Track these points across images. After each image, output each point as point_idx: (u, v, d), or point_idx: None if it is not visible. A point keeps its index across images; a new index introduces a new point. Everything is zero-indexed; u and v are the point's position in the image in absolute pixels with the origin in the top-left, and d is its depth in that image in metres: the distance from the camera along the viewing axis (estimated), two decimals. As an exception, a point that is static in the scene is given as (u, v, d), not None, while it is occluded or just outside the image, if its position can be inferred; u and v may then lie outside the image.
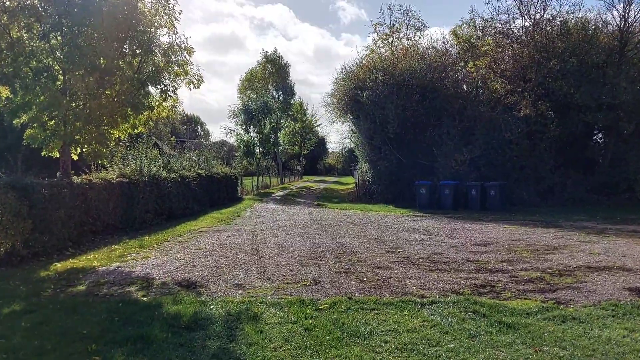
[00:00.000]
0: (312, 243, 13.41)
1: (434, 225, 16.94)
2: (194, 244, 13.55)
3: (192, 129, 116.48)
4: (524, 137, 24.46)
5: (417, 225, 17.00)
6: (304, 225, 17.52)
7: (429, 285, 8.86)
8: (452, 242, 13.31)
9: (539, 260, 10.85)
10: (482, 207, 22.42)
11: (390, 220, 18.90)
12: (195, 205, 22.28)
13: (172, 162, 22.19)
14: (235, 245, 13.21)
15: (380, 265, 10.45)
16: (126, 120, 14.17)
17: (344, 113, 30.86)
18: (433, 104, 26.38)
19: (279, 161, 50.72)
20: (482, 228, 16.20)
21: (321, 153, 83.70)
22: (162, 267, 10.57)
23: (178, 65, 14.69)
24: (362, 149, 29.70)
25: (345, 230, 16.05)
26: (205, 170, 24.98)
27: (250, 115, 36.35)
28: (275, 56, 47.79)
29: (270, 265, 10.61)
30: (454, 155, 25.27)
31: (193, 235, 15.25)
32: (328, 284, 8.97)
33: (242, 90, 44.41)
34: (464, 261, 10.83)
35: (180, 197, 20.61)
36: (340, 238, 14.26)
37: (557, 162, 24.61)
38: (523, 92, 24.51)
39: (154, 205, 18.63)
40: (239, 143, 38.38)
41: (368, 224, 17.65)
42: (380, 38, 39.58)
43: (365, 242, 13.45)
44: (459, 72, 27.03)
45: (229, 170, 28.82)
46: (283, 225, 17.42)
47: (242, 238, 14.55)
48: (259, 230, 16.36)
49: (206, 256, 11.75)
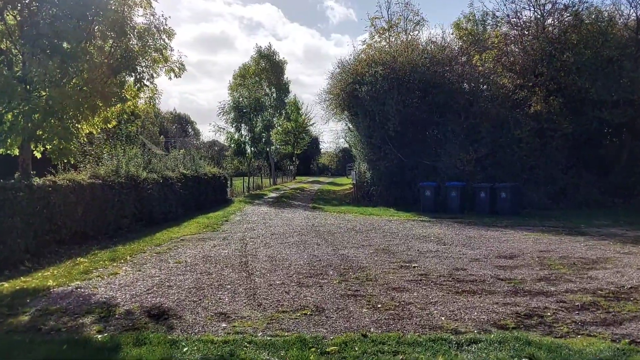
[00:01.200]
0: (311, 255, 11.59)
1: (445, 233, 15.15)
2: (173, 256, 11.69)
3: (182, 128, 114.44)
4: (534, 135, 22.76)
5: (427, 233, 15.20)
6: (300, 232, 15.69)
7: (461, 314, 7.08)
8: (472, 254, 11.52)
9: (583, 279, 9.08)
10: (491, 211, 20.68)
11: (395, 226, 17.11)
12: (180, 208, 20.39)
13: (154, 162, 20.28)
14: (221, 258, 11.36)
15: (395, 286, 8.64)
16: (95, 112, 12.25)
17: (341, 110, 29.02)
18: (436, 99, 24.63)
19: (272, 161, 48.78)
20: (500, 236, 14.43)
21: (314, 153, 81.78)
22: (130, 288, 8.71)
23: (156, 51, 12.80)
24: (360, 148, 27.90)
25: (347, 238, 14.23)
26: (192, 171, 23.09)
27: (242, 113, 34.46)
28: (269, 52, 45.87)
29: (261, 286, 8.78)
30: (459, 154, 23.53)
31: (174, 245, 13.39)
32: (334, 313, 7.16)
33: (234, 87, 42.43)
34: (493, 279, 9.05)
35: (162, 200, 18.73)
36: (343, 249, 12.44)
37: (570, 162, 22.92)
38: (534, 87, 22.84)
39: (132, 209, 16.75)
40: (229, 142, 36.44)
41: (371, 230, 15.84)
42: (377, 32, 37.75)
43: (372, 254, 11.64)
44: (464, 66, 25.25)
45: (217, 171, 26.91)
46: (276, 233, 15.58)
47: (229, 248, 12.70)
48: (249, 238, 14.52)
49: (186, 272, 9.91)
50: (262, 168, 53.56)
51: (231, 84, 44.19)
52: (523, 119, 22.71)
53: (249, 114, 34.61)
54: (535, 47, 23.06)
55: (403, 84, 24.88)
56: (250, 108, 34.51)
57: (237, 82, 42.99)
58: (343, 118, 31.56)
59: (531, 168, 23.02)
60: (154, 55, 12.86)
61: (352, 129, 30.73)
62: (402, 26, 37.86)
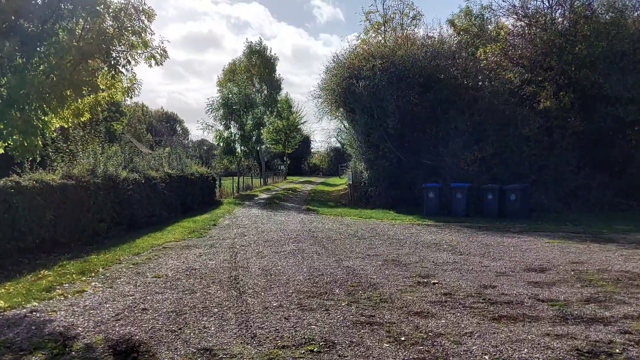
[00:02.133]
0: (311, 267, 10.09)
1: (457, 240, 13.69)
2: (152, 269, 10.16)
3: (171, 127, 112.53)
4: (544, 133, 21.41)
5: (437, 239, 13.74)
6: (296, 238, 14.17)
7: (507, 350, 5.61)
8: (496, 267, 10.07)
9: (638, 299, 7.64)
10: (500, 214, 19.30)
11: (399, 231, 15.64)
12: (164, 211, 18.83)
13: (137, 161, 18.69)
14: (208, 271, 9.84)
15: (417, 309, 7.16)
16: (64, 103, 10.67)
17: (336, 107, 27.51)
18: (438, 95, 23.22)
19: (262, 160, 47.22)
20: (519, 243, 12.98)
21: (305, 152, 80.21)
22: (96, 312, 7.18)
23: (134, 33, 11.22)
24: (357, 147, 26.41)
25: (350, 246, 12.74)
26: (177, 170, 21.52)
27: (231, 110, 32.87)
28: (260, 48, 44.21)
29: (255, 309, 7.28)
30: (463, 153, 22.13)
31: (154, 254, 11.84)
32: (348, 350, 5.67)
33: (223, 83, 40.74)
34: (532, 300, 7.59)
35: (144, 202, 17.18)
36: (346, 259, 10.95)
37: (581, 162, 21.54)
38: (543, 81, 21.47)
39: (111, 212, 15.19)
40: (217, 140, 34.81)
41: (375, 237, 14.35)
42: (372, 27, 36.39)
43: (382, 266, 10.16)
44: (468, 60, 23.83)
45: (205, 171, 25.33)
46: (270, 239, 14.05)
47: (217, 259, 11.17)
48: (239, 246, 12.99)
49: (165, 290, 8.38)
50: (252, 168, 52.08)
51: (220, 79, 42.51)
52: (531, 116, 21.36)
53: (239, 111, 33.05)
54: (545, 39, 21.67)
55: (403, 78, 23.45)
56: (240, 105, 32.94)
57: (227, 78, 41.31)
58: (338, 115, 30.08)
59: (540, 168, 21.66)
60: (132, 39, 11.27)
61: (347, 127, 29.31)
62: (398, 20, 36.57)
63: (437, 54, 23.89)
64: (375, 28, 36.29)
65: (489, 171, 22.07)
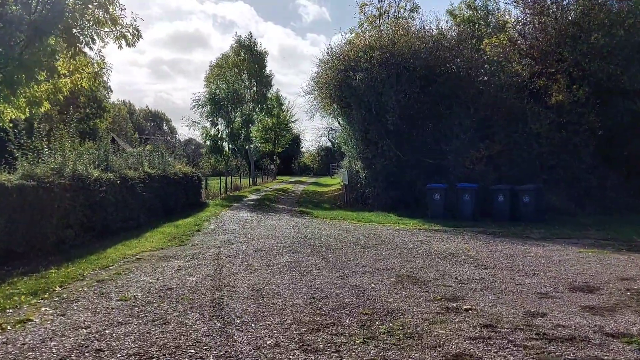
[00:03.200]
0: (311, 286, 8.38)
1: (475, 249, 12.03)
2: (119, 288, 8.41)
3: (158, 126, 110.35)
4: (555, 129, 19.78)
5: (452, 248, 12.06)
6: (291, 247, 12.44)
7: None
8: (532, 285, 8.41)
9: None
10: (511, 217, 17.70)
11: (406, 238, 13.95)
12: (143, 215, 17.05)
13: (113, 159, 16.87)
14: (186, 292, 8.10)
15: (456, 350, 5.48)
16: (14, 90, 8.90)
17: (330, 102, 25.75)
18: (441, 89, 21.58)
19: (251, 160, 45.40)
20: (547, 253, 11.33)
21: (295, 152, 78.42)
22: (36, 355, 5.44)
23: (100, 7, 9.47)
24: (353, 145, 24.69)
25: (354, 257, 11.03)
26: (159, 170, 19.72)
27: (219, 106, 31.02)
28: (249, 42, 42.32)
29: (244, 349, 5.57)
30: (468, 151, 20.49)
31: (125, 268, 10.08)
32: None
33: (211, 78, 38.85)
34: (598, 335, 5.93)
35: (120, 205, 15.38)
36: (352, 274, 9.25)
37: (595, 161, 19.95)
38: (555, 74, 19.86)
39: (80, 217, 13.38)
40: (204, 138, 32.95)
41: (380, 245, 12.65)
42: (367, 20, 34.72)
43: (396, 284, 8.47)
44: (472, 52, 22.19)
45: (190, 170, 23.53)
46: (261, 248, 12.31)
47: (198, 274, 9.43)
48: (225, 257, 11.25)
49: (130, 320, 6.65)
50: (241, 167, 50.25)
51: (207, 74, 40.61)
52: (542, 111, 19.76)
53: (227, 107, 31.22)
54: (557, 28, 20.07)
55: (403, 71, 21.80)
56: (228, 101, 31.10)
57: (215, 73, 39.41)
58: (332, 112, 28.36)
59: (551, 167, 20.05)
60: (97, 13, 9.54)
61: (342, 124, 27.60)
62: (394, 13, 34.91)
63: (439, 45, 22.24)
64: (370, 21, 34.65)
65: (496, 170, 20.46)
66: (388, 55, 22.12)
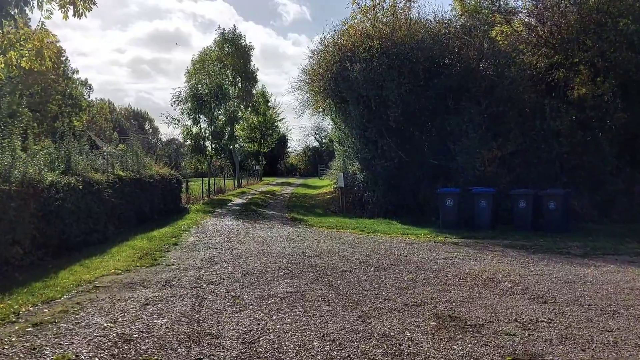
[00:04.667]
0: (324, 336, 6.08)
1: (516, 271, 9.73)
2: (59, 338, 6.08)
3: (140, 125, 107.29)
4: (577, 126, 17.76)
5: (487, 270, 9.80)
6: (288, 268, 10.13)
7: None
8: (624, 330, 6.20)
9: None
10: (534, 226, 15.60)
11: (424, 254, 11.66)
12: (111, 225, 14.64)
13: (76, 160, 14.41)
14: (151, 346, 5.79)
15: None
16: None
17: (324, 97, 23.43)
18: (448, 82, 19.41)
19: (236, 160, 42.93)
20: (611, 278, 9.06)
21: (282, 152, 75.94)
22: None
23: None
24: (350, 145, 22.42)
25: (369, 283, 8.74)
26: (132, 172, 17.29)
27: (201, 102, 28.55)
28: (234, 35, 39.86)
29: None
30: (479, 151, 18.37)
31: (76, 302, 7.72)
32: None
33: (192, 73, 36.33)
34: None
35: (82, 215, 12.96)
36: (375, 314, 6.95)
37: (621, 162, 17.93)
38: (577, 64, 17.81)
39: (30, 230, 10.95)
40: (185, 136, 30.44)
41: (397, 265, 10.38)
42: (361, 11, 32.38)
43: (439, 332, 6.19)
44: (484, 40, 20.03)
45: (168, 172, 21.07)
46: (250, 270, 9.97)
47: (170, 313, 7.09)
48: (207, 283, 8.91)
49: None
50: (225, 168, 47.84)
51: (189, 69, 38.12)
52: (563, 106, 17.70)
53: (210, 104, 28.76)
54: (580, 13, 17.97)
55: (406, 63, 19.62)
56: (211, 97, 28.65)
57: (197, 68, 36.91)
58: (325, 108, 26.03)
59: (572, 169, 17.98)
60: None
61: (336, 121, 25.33)
62: (389, 3, 32.62)
63: (447, 33, 20.09)
64: (364, 12, 32.28)
65: (511, 172, 18.35)
66: (390, 44, 19.92)
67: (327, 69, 21.63)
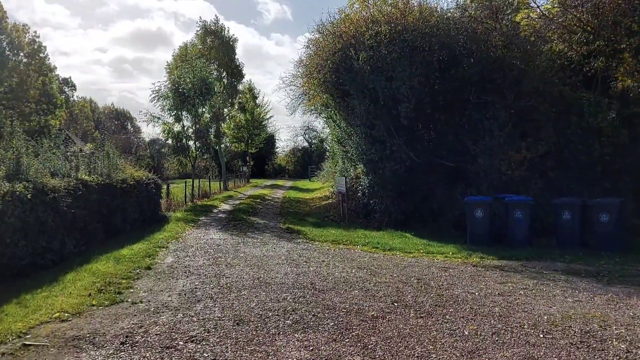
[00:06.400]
0: None
1: (615, 318, 7.07)
2: None
3: (122, 125, 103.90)
4: (621, 124, 15.31)
5: (572, 316, 7.18)
6: (296, 311, 7.46)
7: None
8: None
9: None
10: (582, 242, 13.10)
11: (471, 287, 9.00)
12: (71, 241, 11.89)
13: (27, 163, 11.64)
14: None
15: None
16: None
17: (323, 90, 20.74)
18: (468, 73, 16.91)
19: (222, 161, 40.11)
20: None
21: (269, 152, 73.02)
22: None
23: None
24: (353, 144, 19.73)
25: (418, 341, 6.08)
26: (100, 176, 14.53)
27: (183, 98, 25.74)
28: (216, 27, 37.08)
29: None
30: (505, 152, 15.91)
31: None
32: None
33: (173, 68, 33.51)
34: None
35: (31, 231, 10.23)
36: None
37: (672, 165, 15.54)
38: (622, 52, 15.39)
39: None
40: (166, 135, 27.56)
41: (444, 306, 7.72)
42: None
43: None
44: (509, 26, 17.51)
45: (145, 175, 18.26)
46: (245, 316, 7.27)
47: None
48: (183, 339, 6.22)
49: None
50: (210, 169, 45.07)
51: (170, 65, 35.28)
52: (603, 101, 15.27)
53: (193, 100, 25.97)
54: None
55: (418, 51, 17.08)
56: (194, 92, 25.86)
57: (178, 62, 34.07)
58: (322, 104, 23.41)
59: (615, 173, 15.53)
60: None
61: (337, 119, 22.69)
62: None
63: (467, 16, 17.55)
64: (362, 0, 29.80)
65: (543, 177, 15.89)
66: (400, 28, 17.34)
67: (326, 58, 18.98)
